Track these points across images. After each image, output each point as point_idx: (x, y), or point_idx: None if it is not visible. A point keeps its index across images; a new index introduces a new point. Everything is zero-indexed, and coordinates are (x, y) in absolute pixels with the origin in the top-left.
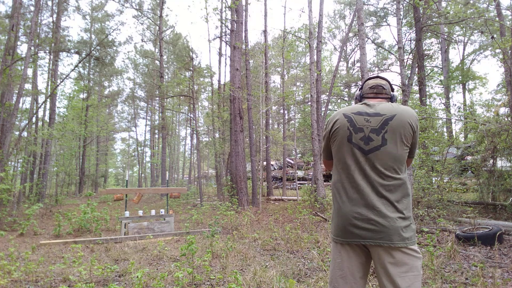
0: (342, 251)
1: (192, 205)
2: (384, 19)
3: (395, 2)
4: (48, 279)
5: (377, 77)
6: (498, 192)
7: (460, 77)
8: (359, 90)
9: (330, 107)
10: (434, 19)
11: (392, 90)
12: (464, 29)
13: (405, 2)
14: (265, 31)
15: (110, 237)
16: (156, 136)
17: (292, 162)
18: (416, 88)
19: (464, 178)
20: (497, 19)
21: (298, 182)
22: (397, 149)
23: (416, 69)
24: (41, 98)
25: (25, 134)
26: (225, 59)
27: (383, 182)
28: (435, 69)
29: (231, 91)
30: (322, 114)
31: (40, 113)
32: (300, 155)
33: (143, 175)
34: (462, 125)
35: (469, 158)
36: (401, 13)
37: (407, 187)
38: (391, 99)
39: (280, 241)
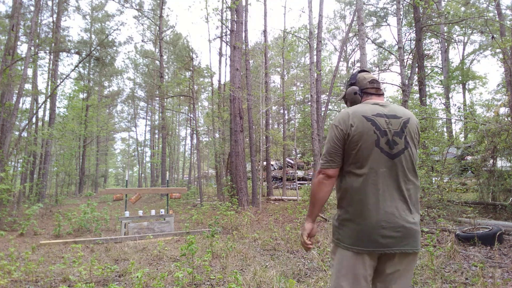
0: (356, 259)
1: (192, 205)
2: (384, 19)
3: (395, 2)
4: (48, 279)
5: (365, 70)
6: (498, 192)
7: (460, 77)
8: (354, 84)
9: (330, 107)
10: (434, 19)
11: None
12: (464, 29)
13: (405, 2)
14: (265, 31)
15: (110, 237)
16: (156, 136)
17: (292, 162)
18: (416, 88)
19: (464, 178)
20: (497, 19)
21: (298, 182)
22: (415, 152)
23: (416, 69)
24: (41, 98)
25: (25, 134)
26: (225, 59)
27: (407, 186)
28: (435, 69)
29: (231, 91)
30: (322, 114)
31: (40, 113)
32: (300, 155)
33: (143, 175)
34: (462, 125)
35: (469, 158)
36: (401, 13)
37: (419, 190)
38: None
39: (280, 241)
